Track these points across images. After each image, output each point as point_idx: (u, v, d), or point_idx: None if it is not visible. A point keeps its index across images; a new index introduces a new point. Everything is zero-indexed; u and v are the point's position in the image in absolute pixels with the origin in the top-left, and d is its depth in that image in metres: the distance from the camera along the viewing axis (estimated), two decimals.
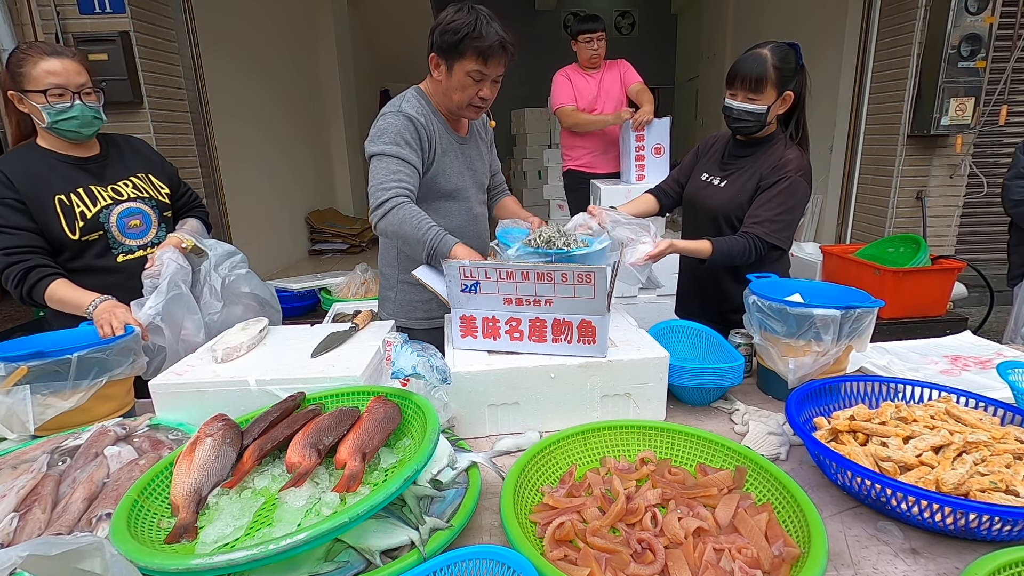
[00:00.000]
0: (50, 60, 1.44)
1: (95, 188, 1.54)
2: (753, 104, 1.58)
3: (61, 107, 1.45)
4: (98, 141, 1.62)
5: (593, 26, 3.39)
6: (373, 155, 1.48)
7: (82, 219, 1.50)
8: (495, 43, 1.41)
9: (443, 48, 1.44)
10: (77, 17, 3.06)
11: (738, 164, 1.73)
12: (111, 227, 1.55)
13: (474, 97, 1.50)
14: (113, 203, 1.56)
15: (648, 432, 1.09)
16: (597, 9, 10.06)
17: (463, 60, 1.44)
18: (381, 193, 1.42)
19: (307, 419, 0.96)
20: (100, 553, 0.60)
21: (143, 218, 1.62)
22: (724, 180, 1.74)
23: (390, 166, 1.44)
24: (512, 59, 1.48)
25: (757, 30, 6.39)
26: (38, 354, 1.12)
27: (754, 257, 1.60)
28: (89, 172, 1.56)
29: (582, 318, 1.17)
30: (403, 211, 1.39)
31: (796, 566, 0.76)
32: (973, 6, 3.51)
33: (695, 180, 1.85)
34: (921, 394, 1.16)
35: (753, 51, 1.58)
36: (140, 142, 1.75)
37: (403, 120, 1.48)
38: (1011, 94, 4.06)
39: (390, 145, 1.45)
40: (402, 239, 1.42)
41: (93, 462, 0.99)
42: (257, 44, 4.76)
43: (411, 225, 1.38)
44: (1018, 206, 2.40)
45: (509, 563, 0.73)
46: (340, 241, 5.91)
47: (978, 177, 3.96)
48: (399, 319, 1.69)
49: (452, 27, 1.40)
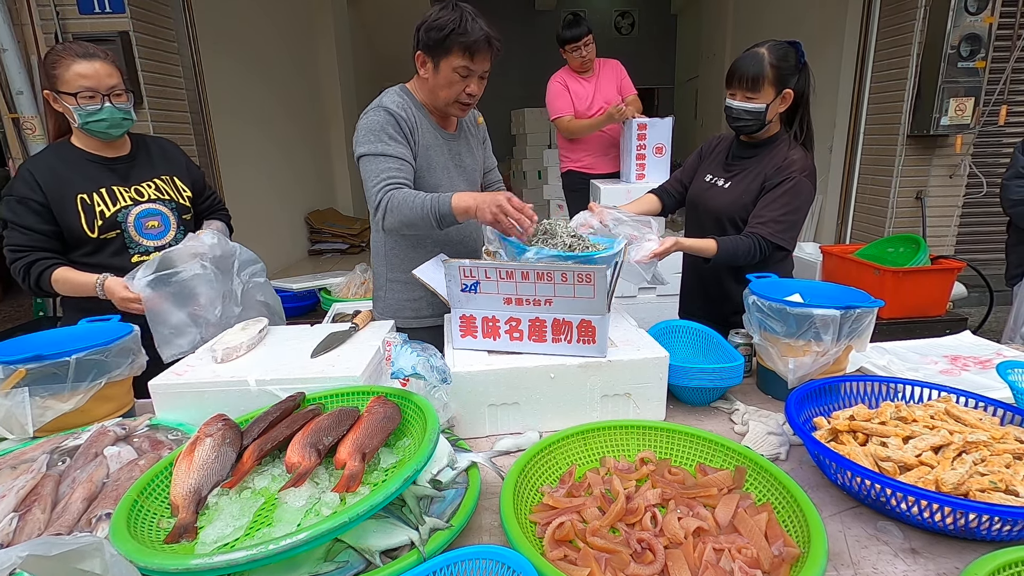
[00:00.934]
0: (81, 63, 1.48)
1: (117, 188, 1.59)
2: (751, 103, 1.59)
3: (91, 109, 1.50)
4: (130, 141, 1.68)
5: (578, 33, 3.29)
6: (360, 157, 1.50)
7: (101, 218, 1.55)
8: (480, 38, 1.42)
9: (429, 45, 1.46)
10: (77, 17, 3.06)
11: (742, 165, 1.73)
12: (128, 227, 1.60)
13: (461, 93, 1.51)
14: (133, 203, 1.61)
15: (648, 432, 1.09)
16: (597, 9, 10.06)
17: (449, 56, 1.45)
18: (374, 196, 1.44)
19: (307, 419, 0.96)
20: (100, 553, 0.60)
21: (162, 219, 1.66)
22: (728, 181, 1.74)
23: (376, 166, 1.46)
24: (498, 54, 1.49)
25: (757, 30, 6.39)
26: (36, 357, 1.12)
27: (758, 257, 1.60)
28: (115, 172, 1.61)
29: (582, 318, 1.17)
30: (396, 200, 1.40)
31: (796, 566, 0.76)
32: (973, 6, 3.51)
33: (699, 181, 1.85)
34: (921, 394, 1.16)
35: (751, 50, 1.59)
36: (171, 145, 1.81)
37: (384, 115, 1.49)
38: (1011, 94, 4.06)
39: (374, 143, 1.47)
40: (409, 225, 1.42)
41: (93, 462, 0.99)
42: (257, 44, 4.76)
43: (408, 207, 1.39)
44: (1017, 206, 2.40)
45: (509, 563, 0.73)
46: (340, 241, 5.91)
47: (978, 177, 3.96)
48: (388, 318, 1.69)
49: (437, 24, 1.42)
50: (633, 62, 3.60)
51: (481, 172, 1.81)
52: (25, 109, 3.20)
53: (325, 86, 6.21)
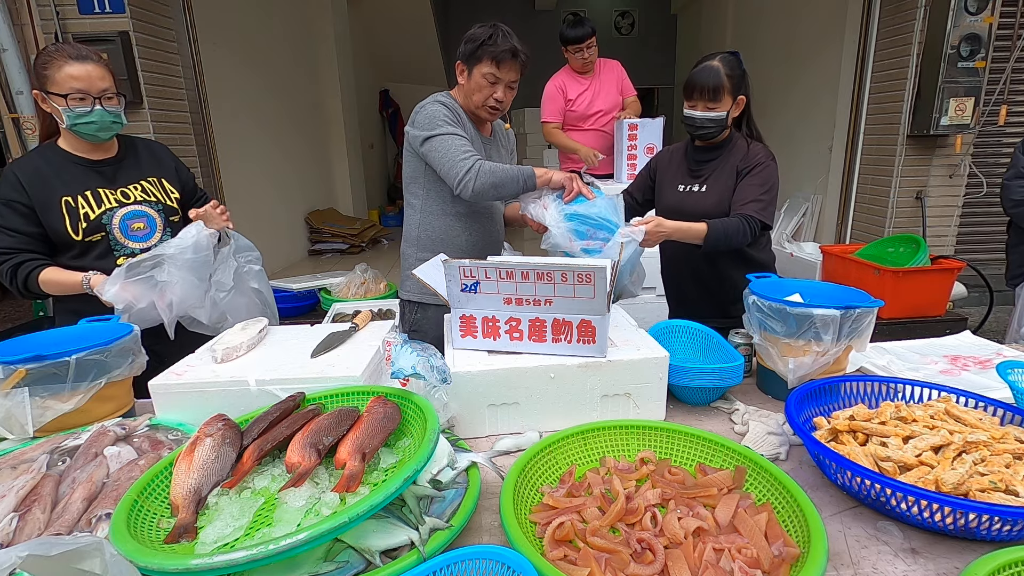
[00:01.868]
0: (74, 65, 1.47)
1: (103, 191, 1.58)
2: (714, 112, 1.71)
3: (81, 111, 1.49)
4: (118, 143, 1.66)
5: (580, 34, 3.29)
6: (432, 137, 1.64)
7: (85, 220, 1.54)
8: (507, 49, 1.63)
9: (465, 55, 1.67)
10: (77, 17, 3.06)
11: (708, 168, 1.83)
12: (113, 229, 1.58)
13: (489, 98, 1.69)
14: (119, 206, 1.59)
15: (648, 432, 1.09)
16: (597, 9, 10.07)
17: (480, 64, 1.65)
18: (463, 163, 1.59)
19: (307, 419, 0.96)
20: (100, 553, 0.60)
21: (148, 221, 1.65)
22: (702, 185, 1.82)
23: (455, 142, 1.62)
24: (524, 67, 1.68)
25: (757, 30, 6.39)
26: (36, 357, 1.12)
27: (749, 237, 1.67)
28: (101, 175, 1.60)
29: (582, 318, 1.17)
30: (487, 166, 1.59)
31: (796, 566, 0.76)
32: (973, 6, 3.51)
33: (670, 192, 1.90)
34: (921, 394, 1.16)
35: (704, 64, 1.71)
36: (160, 147, 1.80)
37: (444, 108, 1.68)
38: (1011, 94, 4.06)
39: (445, 125, 1.64)
40: (498, 186, 1.60)
41: (93, 462, 0.99)
42: (257, 44, 4.76)
43: (502, 171, 1.59)
44: (1018, 206, 2.40)
45: (509, 563, 0.73)
46: (340, 241, 5.91)
47: (978, 177, 3.96)
48: (418, 295, 1.85)
49: (473, 36, 1.66)
50: (633, 62, 3.61)
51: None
52: (25, 109, 3.20)
53: (325, 86, 6.21)
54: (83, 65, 1.47)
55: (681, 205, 1.84)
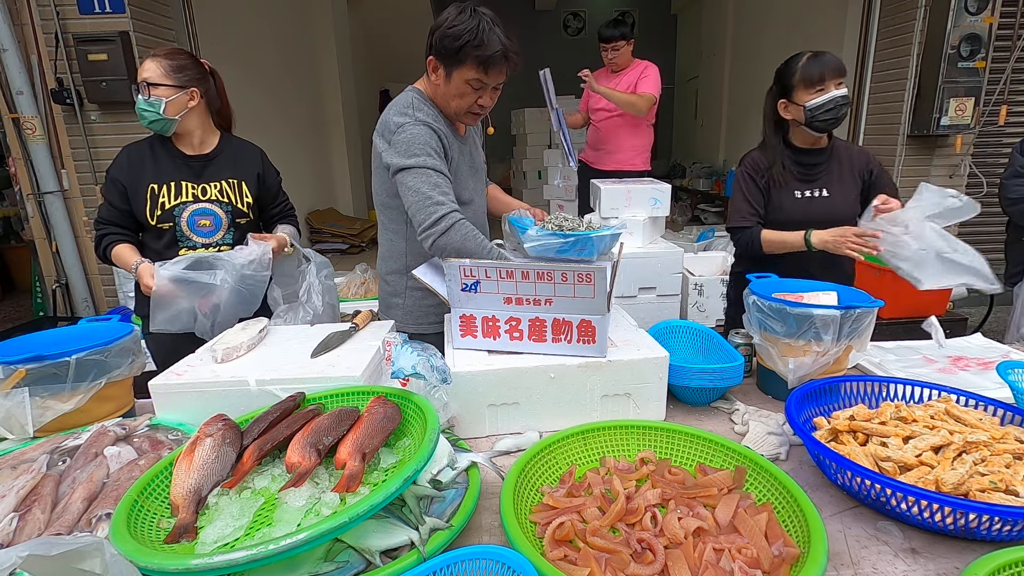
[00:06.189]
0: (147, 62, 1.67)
1: (186, 184, 1.72)
2: (844, 88, 1.69)
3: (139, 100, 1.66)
4: (220, 142, 1.80)
5: (608, 35, 3.41)
6: (408, 168, 1.41)
7: (160, 209, 1.69)
8: (497, 52, 1.36)
9: (442, 53, 1.39)
10: (77, 17, 3.07)
11: (818, 171, 1.81)
12: (181, 221, 1.71)
13: (472, 104, 1.46)
14: (193, 200, 1.72)
15: (648, 432, 1.09)
16: (597, 9, 10.07)
17: (462, 68, 1.39)
18: (436, 208, 1.37)
19: (307, 419, 0.96)
20: (100, 553, 0.60)
21: (214, 219, 1.74)
22: (823, 189, 1.81)
23: (433, 179, 1.40)
24: (515, 68, 1.43)
25: (757, 30, 6.39)
26: (36, 357, 1.12)
27: None
28: (191, 169, 1.74)
29: (582, 318, 1.17)
30: (464, 228, 1.39)
31: (796, 566, 0.76)
32: (973, 6, 3.51)
33: (788, 199, 1.81)
34: (921, 394, 1.16)
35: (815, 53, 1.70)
36: (253, 150, 1.89)
37: (427, 131, 1.43)
38: (1011, 94, 4.06)
39: (424, 157, 1.40)
40: (461, 253, 1.39)
41: (93, 462, 0.99)
42: (257, 44, 4.76)
43: (475, 243, 1.38)
44: (1015, 204, 2.40)
45: (509, 563, 0.73)
46: (340, 241, 5.91)
47: (978, 177, 3.96)
48: (408, 326, 1.66)
49: (452, 32, 1.35)
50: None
51: (485, 166, 1.81)
52: (25, 109, 3.21)
53: (325, 86, 6.22)
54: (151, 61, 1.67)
55: (810, 211, 1.78)
